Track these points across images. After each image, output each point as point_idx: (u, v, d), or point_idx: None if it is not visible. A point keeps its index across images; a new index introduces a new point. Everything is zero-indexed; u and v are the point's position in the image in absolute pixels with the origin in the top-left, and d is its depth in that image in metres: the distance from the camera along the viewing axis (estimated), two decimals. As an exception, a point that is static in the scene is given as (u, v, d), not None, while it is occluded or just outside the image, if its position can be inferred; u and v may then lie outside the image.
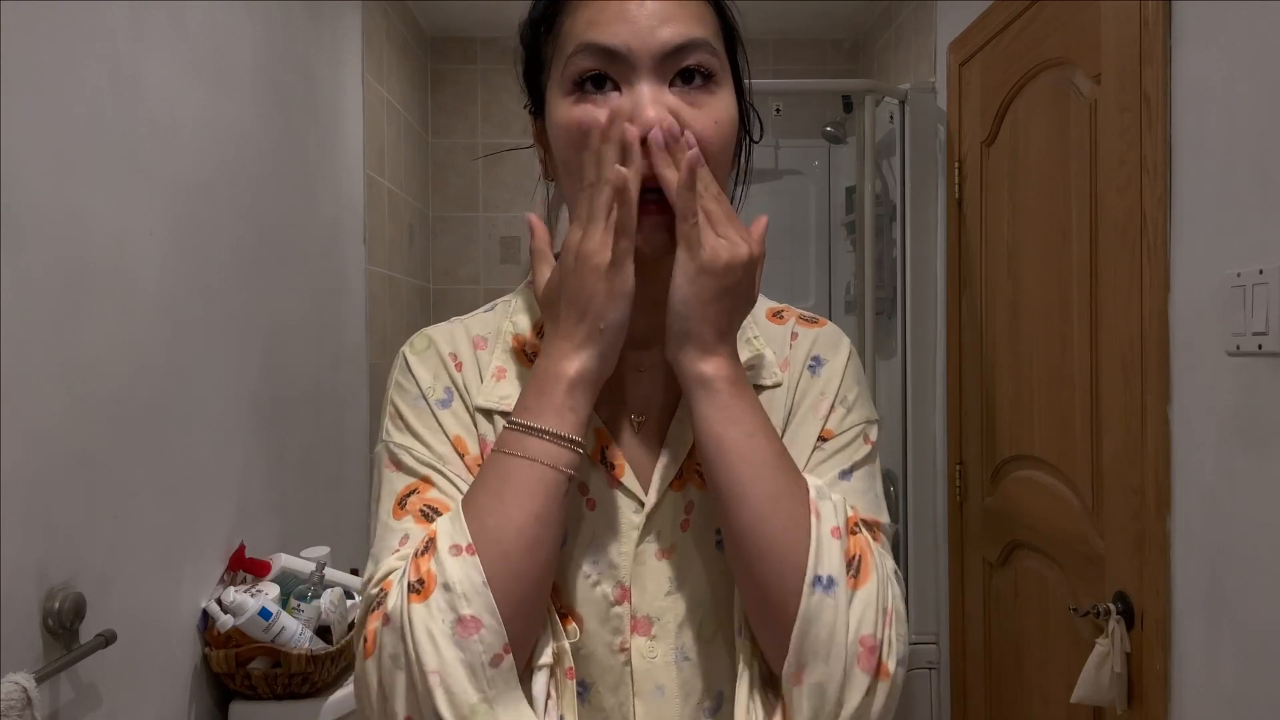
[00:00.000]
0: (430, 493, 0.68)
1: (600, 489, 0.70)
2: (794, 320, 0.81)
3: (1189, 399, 1.38)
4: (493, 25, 3.38)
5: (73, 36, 1.27)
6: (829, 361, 0.77)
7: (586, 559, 0.69)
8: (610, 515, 0.70)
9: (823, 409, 0.75)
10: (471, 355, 0.74)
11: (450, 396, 0.72)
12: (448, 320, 0.78)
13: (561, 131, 0.67)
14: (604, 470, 0.71)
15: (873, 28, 3.27)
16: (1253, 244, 1.24)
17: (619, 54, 0.64)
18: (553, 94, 0.69)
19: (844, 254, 3.11)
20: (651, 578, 0.69)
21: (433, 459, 0.69)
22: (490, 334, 0.76)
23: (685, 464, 0.71)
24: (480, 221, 3.52)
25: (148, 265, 1.45)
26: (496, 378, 0.73)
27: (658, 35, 0.64)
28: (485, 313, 0.79)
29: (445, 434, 0.70)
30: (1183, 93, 1.39)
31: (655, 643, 0.69)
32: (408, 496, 0.68)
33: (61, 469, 1.23)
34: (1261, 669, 1.24)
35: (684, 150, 0.63)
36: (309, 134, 2.18)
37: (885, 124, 2.48)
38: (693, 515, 0.71)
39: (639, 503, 0.70)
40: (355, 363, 2.53)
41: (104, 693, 1.32)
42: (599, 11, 0.66)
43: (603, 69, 0.65)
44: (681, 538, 0.70)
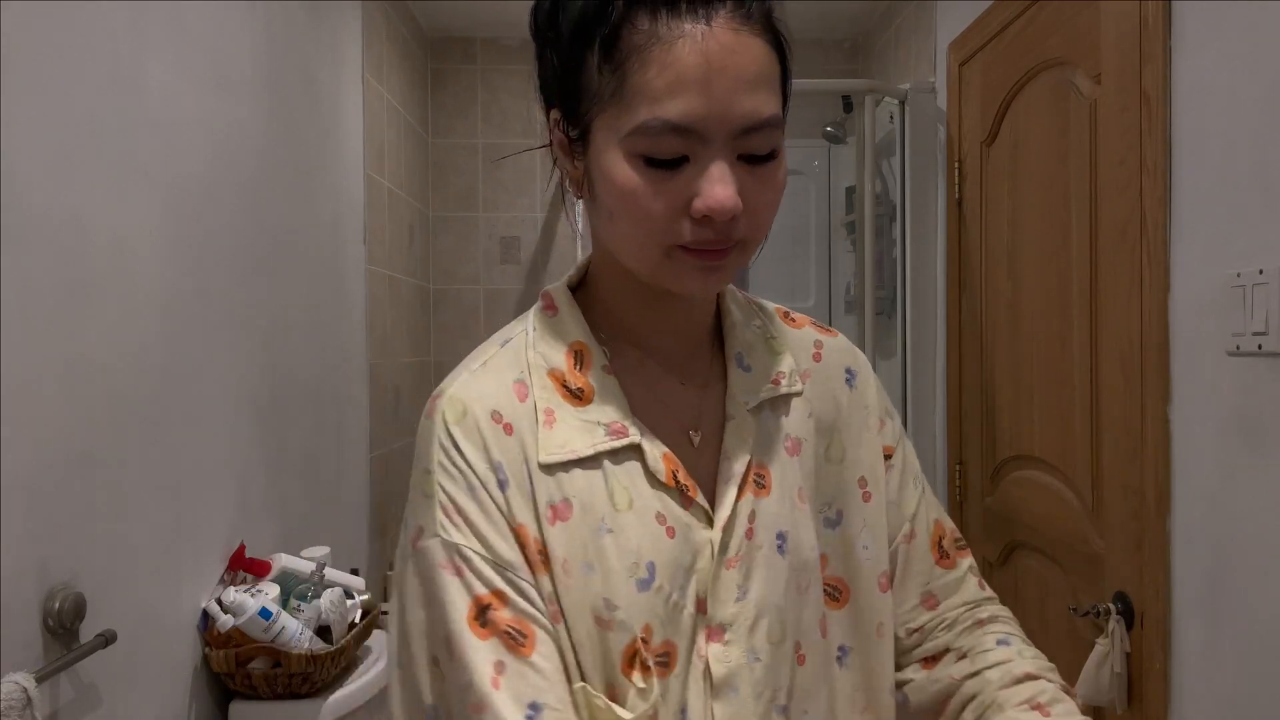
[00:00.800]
0: (505, 610, 0.64)
1: (676, 514, 0.69)
2: (809, 326, 0.82)
3: (1189, 399, 1.38)
4: (493, 25, 3.38)
5: (73, 36, 1.27)
6: (859, 372, 0.80)
7: (675, 587, 0.68)
8: (688, 538, 0.69)
9: (874, 423, 0.79)
10: (515, 408, 0.69)
11: (505, 476, 0.67)
12: (467, 370, 0.71)
13: (623, 196, 0.63)
14: (678, 493, 0.69)
15: (873, 28, 3.27)
16: (1253, 244, 1.24)
17: (695, 131, 0.61)
18: (608, 140, 0.64)
19: (844, 254, 3.11)
20: (723, 587, 0.69)
21: (502, 565, 0.65)
22: (524, 373, 0.71)
23: (745, 475, 0.71)
24: (480, 221, 3.52)
25: (148, 265, 1.45)
26: (547, 424, 0.68)
27: (735, 109, 0.61)
28: (503, 348, 0.73)
29: (510, 528, 0.66)
30: (1183, 93, 1.39)
31: (729, 648, 0.69)
32: (484, 611, 0.64)
33: (61, 469, 1.23)
34: (1261, 669, 1.24)
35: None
36: (309, 134, 2.18)
37: (885, 124, 2.48)
38: (755, 524, 0.71)
39: (707, 517, 0.70)
40: (355, 363, 2.53)
41: (104, 693, 1.32)
42: (677, 72, 0.60)
43: (678, 148, 0.62)
44: (747, 545, 0.70)
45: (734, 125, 0.61)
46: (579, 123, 0.66)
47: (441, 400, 0.69)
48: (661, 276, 0.66)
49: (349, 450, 2.47)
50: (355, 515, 2.53)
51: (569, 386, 0.70)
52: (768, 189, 0.65)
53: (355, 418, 2.52)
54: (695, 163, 0.62)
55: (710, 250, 0.64)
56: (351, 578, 1.89)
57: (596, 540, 0.67)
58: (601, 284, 0.75)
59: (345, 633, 1.73)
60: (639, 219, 0.63)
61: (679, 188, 0.62)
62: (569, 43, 0.65)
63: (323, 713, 1.63)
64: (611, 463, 0.68)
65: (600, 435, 0.68)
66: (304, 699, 1.63)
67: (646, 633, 0.66)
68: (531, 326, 0.73)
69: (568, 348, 0.71)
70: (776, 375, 0.76)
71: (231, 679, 1.60)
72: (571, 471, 0.67)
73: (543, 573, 0.66)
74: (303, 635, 1.61)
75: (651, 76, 0.61)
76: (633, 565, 0.67)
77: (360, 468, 2.56)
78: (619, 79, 0.62)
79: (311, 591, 1.70)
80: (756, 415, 0.74)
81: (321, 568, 1.76)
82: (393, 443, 2.85)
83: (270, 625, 1.56)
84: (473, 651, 0.63)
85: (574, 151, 0.69)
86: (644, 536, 0.67)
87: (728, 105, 0.61)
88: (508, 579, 0.64)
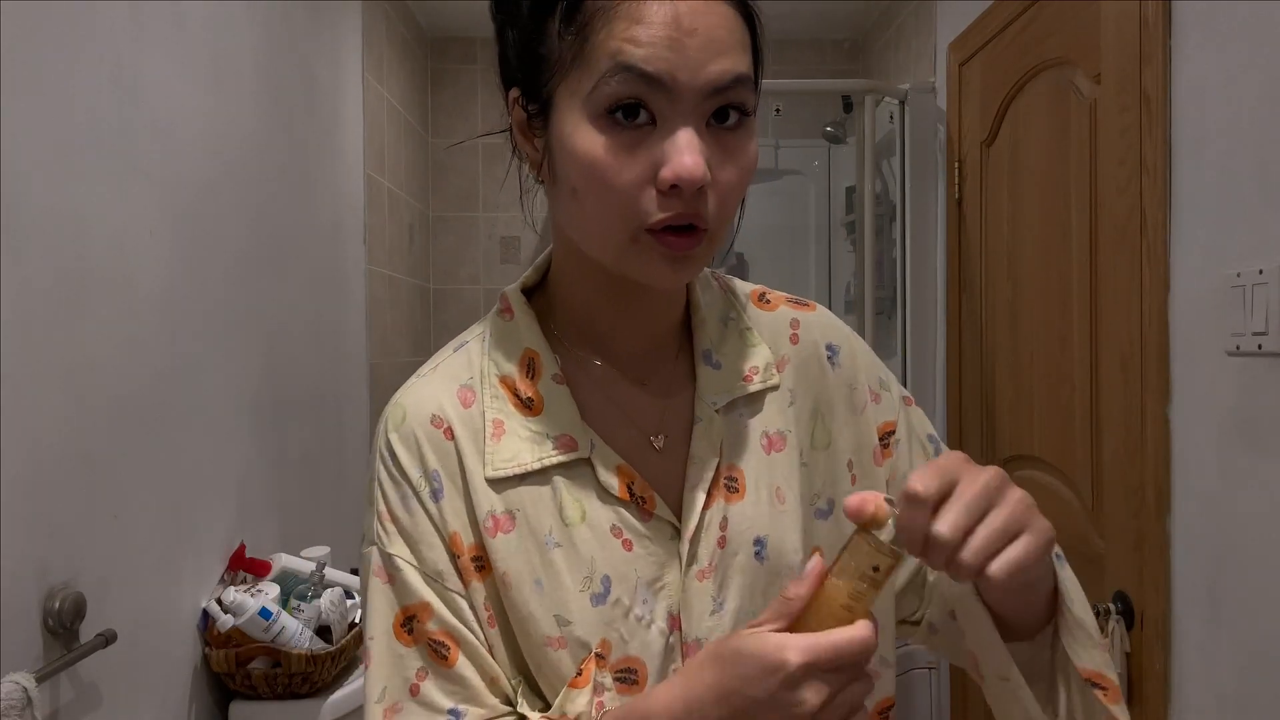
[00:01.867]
0: (430, 623, 0.64)
1: (633, 527, 0.66)
2: (785, 305, 0.77)
3: (1189, 399, 1.38)
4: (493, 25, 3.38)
5: (73, 36, 1.27)
6: (842, 347, 0.75)
7: (636, 602, 0.65)
8: (650, 550, 0.66)
9: (862, 401, 0.74)
10: (461, 414, 0.67)
11: (440, 484, 0.66)
12: (420, 374, 0.71)
13: (585, 166, 0.60)
14: (635, 506, 0.66)
15: (873, 28, 3.27)
16: (1252, 244, 1.24)
17: (663, 84, 0.57)
18: (569, 107, 0.60)
19: (844, 254, 3.11)
20: (696, 600, 0.66)
21: (427, 575, 0.65)
22: (473, 379, 0.69)
23: (713, 480, 0.68)
24: (480, 221, 3.52)
25: (148, 265, 1.45)
26: (495, 435, 0.66)
27: (707, 70, 0.58)
28: (455, 354, 0.71)
29: (441, 536, 0.65)
30: (1183, 93, 1.39)
31: None
32: (410, 620, 0.64)
33: (61, 469, 1.23)
34: (1261, 669, 1.24)
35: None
36: (309, 134, 2.18)
37: (885, 124, 2.48)
38: (728, 530, 0.67)
39: (674, 528, 0.67)
40: (355, 363, 2.53)
41: (104, 693, 1.32)
42: (643, 26, 0.57)
43: (642, 97, 0.58)
44: (720, 555, 0.67)
45: (704, 83, 0.58)
46: (539, 95, 0.63)
47: (389, 407, 0.69)
48: (627, 264, 0.62)
49: (349, 450, 2.47)
50: (355, 515, 2.53)
51: (520, 395, 0.68)
52: (735, 166, 0.61)
53: (355, 418, 2.52)
54: (661, 126, 0.59)
55: (678, 234, 0.60)
56: (351, 578, 1.89)
57: (544, 554, 0.65)
58: (562, 283, 0.71)
59: (345, 633, 1.73)
60: (603, 193, 0.60)
61: (644, 157, 0.59)
62: (529, 14, 0.62)
63: (323, 713, 1.63)
64: (562, 476, 0.66)
65: (549, 448, 0.66)
66: (304, 699, 1.63)
67: (604, 648, 0.64)
68: (488, 331, 0.71)
69: (521, 354, 0.69)
70: (749, 371, 0.71)
71: (231, 679, 1.60)
72: (519, 486, 0.65)
73: (476, 579, 0.65)
74: (303, 635, 1.60)
75: (617, 31, 0.57)
76: (585, 579, 0.64)
77: (360, 468, 2.56)
78: (581, 40, 0.59)
79: (311, 591, 1.70)
80: (727, 414, 0.70)
81: (321, 568, 1.76)
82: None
83: (270, 625, 1.56)
84: (395, 658, 0.64)
85: (533, 129, 0.65)
86: (597, 550, 0.65)
87: (698, 64, 0.58)
88: (436, 590, 0.65)
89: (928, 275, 2.42)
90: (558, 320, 0.71)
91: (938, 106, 2.40)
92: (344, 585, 1.81)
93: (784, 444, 0.71)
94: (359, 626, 1.79)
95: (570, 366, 0.69)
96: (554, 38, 0.60)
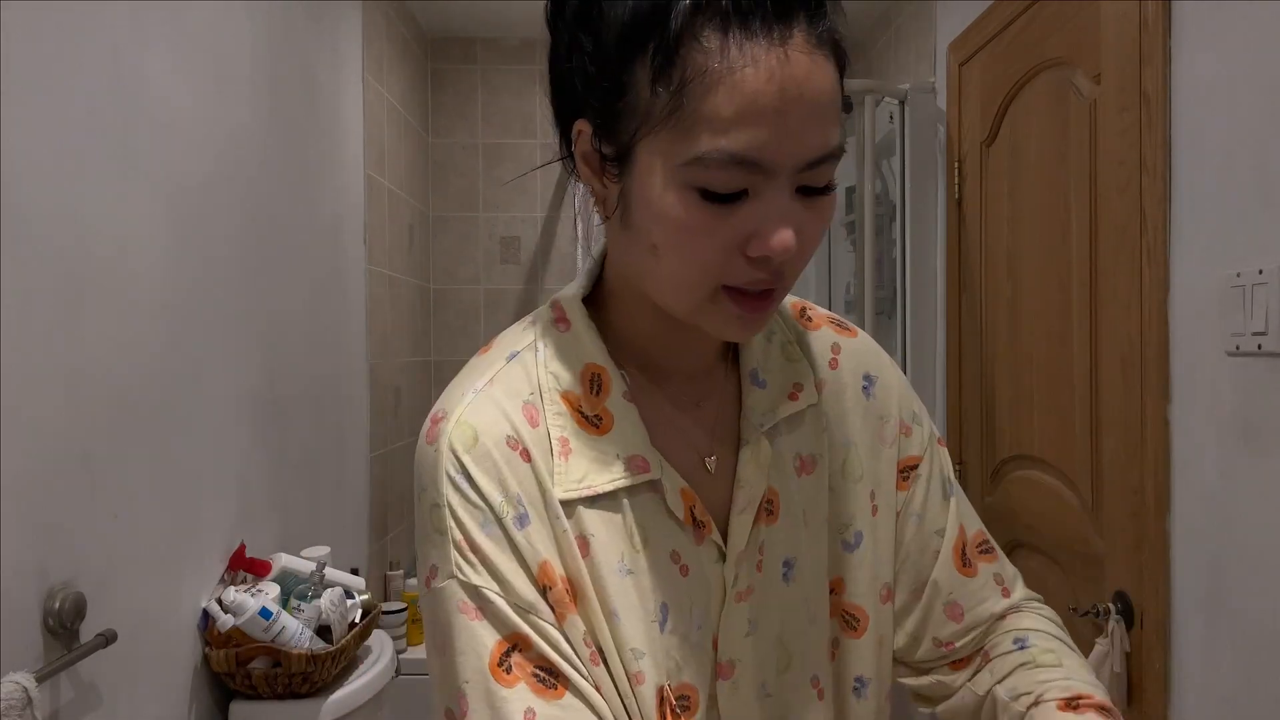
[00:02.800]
0: (531, 651, 0.59)
1: (690, 551, 0.65)
2: (827, 326, 0.76)
3: (1189, 399, 1.38)
4: (493, 25, 3.38)
5: (73, 36, 1.27)
6: (879, 378, 0.75)
7: (691, 628, 0.64)
8: (702, 575, 0.65)
9: (891, 434, 0.74)
10: (531, 435, 0.63)
11: (524, 509, 0.61)
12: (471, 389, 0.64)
13: (667, 225, 0.57)
14: (693, 530, 0.65)
15: (873, 28, 3.27)
16: (1252, 244, 1.24)
17: (763, 167, 0.54)
18: (655, 164, 0.56)
19: (844, 254, 3.11)
20: (734, 622, 0.66)
21: (523, 608, 0.59)
22: (534, 395, 0.64)
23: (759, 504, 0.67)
24: (480, 221, 3.52)
25: (148, 265, 1.45)
26: (563, 455, 0.63)
27: (807, 142, 0.55)
28: (510, 364, 0.66)
29: (528, 567, 0.60)
30: (1183, 93, 1.39)
31: (738, 682, 0.66)
32: (508, 655, 0.59)
33: (61, 469, 1.23)
34: (1261, 669, 1.24)
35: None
36: (309, 134, 2.18)
37: (885, 124, 2.48)
38: (765, 555, 0.67)
39: (719, 551, 0.66)
40: (355, 363, 2.53)
41: (104, 692, 1.32)
42: (749, 102, 0.53)
43: (742, 182, 0.55)
44: (757, 578, 0.67)
45: (803, 159, 0.55)
46: (618, 141, 0.58)
47: (447, 424, 0.62)
48: (700, 318, 0.60)
49: (349, 450, 2.47)
50: (355, 515, 2.53)
51: (584, 413, 0.64)
52: (820, 223, 0.59)
53: (355, 418, 2.52)
54: (755, 198, 0.55)
55: (756, 296, 0.59)
56: (351, 578, 1.89)
57: (619, 581, 0.62)
58: (615, 305, 0.68)
59: (345, 633, 1.73)
60: (688, 258, 0.57)
61: (736, 225, 0.56)
62: (614, 47, 0.56)
63: (323, 713, 1.63)
64: (629, 498, 0.63)
65: (619, 470, 0.63)
66: (304, 699, 1.63)
67: (669, 677, 0.63)
68: (543, 341, 0.67)
69: (582, 369, 0.65)
70: (794, 389, 0.70)
71: (231, 679, 1.60)
72: (590, 509, 0.62)
73: (572, 612, 0.61)
74: (303, 635, 1.60)
75: (719, 102, 0.53)
76: (651, 608, 0.63)
77: (360, 468, 2.56)
78: (677, 100, 0.54)
79: (311, 591, 1.70)
80: (772, 436, 0.69)
81: (321, 568, 1.76)
82: (393, 443, 2.85)
83: (270, 625, 1.56)
84: (500, 701, 0.58)
85: (607, 170, 0.60)
86: (659, 577, 0.63)
87: (800, 138, 0.54)
88: (531, 622, 0.59)
89: (928, 275, 2.42)
90: (615, 339, 0.68)
91: (938, 106, 2.40)
92: (344, 585, 1.81)
93: (814, 467, 0.70)
94: (358, 627, 1.79)
95: (634, 385, 0.67)
96: (642, 84, 0.55)
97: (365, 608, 1.86)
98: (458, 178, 3.50)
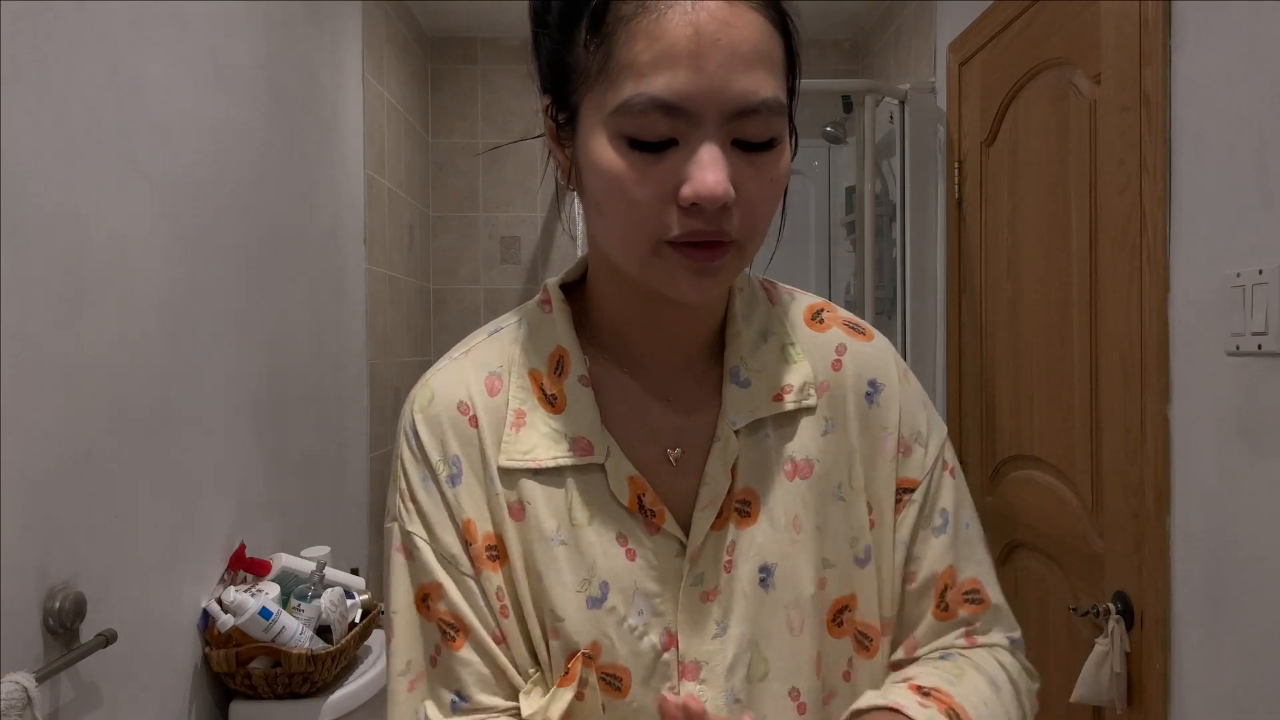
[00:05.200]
0: (441, 603, 0.65)
1: (639, 539, 0.66)
2: (839, 328, 0.73)
3: (1189, 399, 1.38)
4: (493, 25, 3.38)
5: (73, 36, 1.27)
6: (885, 386, 0.71)
7: (631, 612, 0.65)
8: (652, 563, 0.66)
9: (889, 448, 0.70)
10: (486, 402, 0.67)
11: (459, 469, 0.66)
12: (452, 357, 0.71)
13: (606, 180, 0.59)
14: (642, 518, 0.66)
15: (873, 28, 3.27)
16: (1253, 244, 1.24)
17: (683, 110, 0.55)
18: (594, 121, 0.59)
19: (844, 254, 3.11)
20: (698, 622, 0.65)
21: (443, 558, 0.66)
22: (503, 368, 0.69)
23: (725, 502, 0.67)
24: (480, 221, 3.52)
25: (147, 265, 1.45)
26: (516, 426, 0.66)
27: (729, 89, 0.55)
28: (490, 338, 0.71)
29: (455, 522, 0.66)
30: (1183, 93, 1.39)
31: (705, 687, 0.65)
32: (429, 598, 0.66)
33: (61, 469, 1.23)
34: (1261, 669, 1.24)
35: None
36: (309, 134, 2.18)
37: (885, 124, 2.48)
38: (735, 555, 0.66)
39: (681, 545, 0.66)
40: (355, 363, 2.53)
41: (104, 692, 1.32)
42: (663, 44, 0.55)
43: (661, 124, 0.56)
44: (725, 579, 0.66)
45: (726, 106, 0.56)
46: (567, 105, 0.62)
47: (417, 386, 0.70)
48: (651, 276, 0.61)
49: (349, 450, 2.47)
50: (355, 515, 2.53)
51: (545, 390, 0.68)
52: (764, 181, 0.59)
53: (355, 418, 2.52)
54: (684, 146, 0.57)
55: (701, 247, 0.58)
56: (351, 577, 1.89)
57: (548, 550, 0.65)
58: (596, 286, 0.70)
59: (345, 632, 1.73)
60: (624, 209, 0.58)
61: (666, 174, 0.57)
62: (558, 20, 0.61)
63: (323, 713, 1.63)
64: (575, 478, 0.66)
65: (564, 449, 0.66)
66: (304, 699, 1.63)
67: (594, 650, 0.64)
68: (525, 320, 0.71)
69: (552, 350, 0.69)
70: (783, 389, 0.69)
71: (231, 679, 1.60)
72: (532, 480, 0.66)
73: (490, 569, 0.66)
74: (303, 635, 1.61)
75: (639, 50, 0.56)
76: (584, 581, 0.65)
77: (360, 468, 2.56)
78: (605, 53, 0.57)
79: (311, 591, 1.70)
80: (752, 435, 0.68)
81: (321, 568, 1.76)
82: (392, 442, 2.84)
83: (270, 625, 1.56)
84: (418, 631, 0.66)
85: (563, 138, 0.64)
86: (600, 554, 0.65)
87: (720, 83, 0.55)
88: (450, 572, 0.65)
89: (928, 275, 2.42)
90: (592, 323, 0.71)
91: (938, 106, 2.40)
92: (344, 585, 1.81)
93: (810, 472, 0.68)
94: (358, 627, 1.79)
95: (599, 370, 0.69)
96: (580, 47, 0.59)
97: (365, 608, 1.86)
98: (458, 178, 3.50)
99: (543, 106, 0.65)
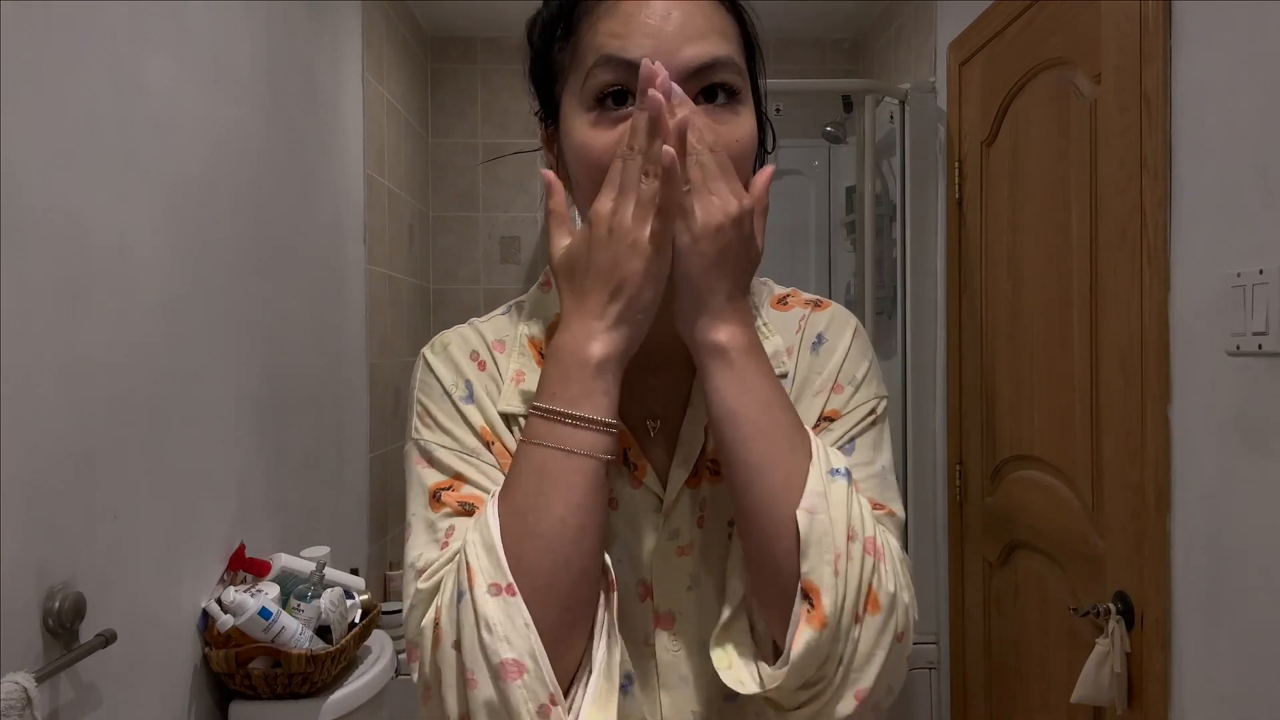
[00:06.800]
0: (464, 489, 0.68)
1: (622, 490, 0.71)
2: (800, 305, 0.79)
3: (1189, 399, 1.38)
4: (493, 25, 3.38)
5: (73, 36, 1.27)
6: (829, 340, 0.76)
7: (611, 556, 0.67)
8: (632, 515, 0.71)
9: (821, 387, 0.73)
10: (491, 357, 0.74)
11: (471, 392, 0.72)
12: (464, 323, 0.78)
13: (579, 151, 0.65)
14: (627, 472, 0.71)
15: (873, 28, 3.27)
16: (1253, 244, 1.24)
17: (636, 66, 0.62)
18: (569, 106, 0.67)
19: (844, 254, 3.11)
20: (672, 574, 0.70)
21: (463, 452, 0.69)
22: (507, 337, 0.75)
23: (699, 462, 0.72)
24: (480, 221, 3.52)
25: (148, 265, 1.45)
26: (516, 382, 0.72)
27: (684, 51, 0.63)
28: (500, 315, 0.78)
29: (471, 427, 0.70)
30: (1183, 93, 1.39)
31: (677, 636, 0.70)
32: (442, 491, 0.68)
33: (61, 469, 1.23)
34: (1261, 669, 1.24)
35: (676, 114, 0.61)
36: (309, 134, 2.18)
37: (885, 124, 2.48)
38: (707, 511, 0.71)
39: (658, 500, 0.71)
40: (355, 363, 2.53)
41: (104, 693, 1.32)
42: (621, 22, 0.64)
43: (625, 84, 0.63)
44: (698, 534, 0.71)
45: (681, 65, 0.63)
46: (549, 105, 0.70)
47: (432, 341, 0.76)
48: None
49: (349, 450, 2.47)
50: (355, 515, 2.53)
51: (542, 353, 0.73)
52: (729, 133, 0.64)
53: (355, 418, 2.52)
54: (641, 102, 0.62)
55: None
56: (351, 578, 1.89)
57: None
58: None
59: (345, 633, 1.73)
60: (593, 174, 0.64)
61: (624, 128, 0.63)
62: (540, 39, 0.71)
63: (323, 713, 1.63)
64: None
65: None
66: (304, 699, 1.63)
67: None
68: (532, 299, 0.78)
69: (550, 322, 0.75)
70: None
71: (231, 679, 1.60)
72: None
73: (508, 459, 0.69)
74: (303, 635, 1.60)
75: (600, 31, 0.64)
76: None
77: (360, 468, 2.56)
78: (574, 45, 0.66)
79: (311, 591, 1.70)
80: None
81: (321, 568, 1.76)
82: (393, 443, 2.85)
83: (270, 625, 1.56)
84: (427, 526, 0.68)
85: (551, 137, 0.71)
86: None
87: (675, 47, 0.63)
88: (470, 462, 0.69)
89: (928, 275, 2.42)
90: None
91: (938, 106, 2.40)
92: (344, 585, 1.81)
93: None
94: (358, 627, 1.79)
95: None
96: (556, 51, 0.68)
97: (365, 608, 1.86)
98: (457, 177, 3.50)
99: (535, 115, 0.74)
